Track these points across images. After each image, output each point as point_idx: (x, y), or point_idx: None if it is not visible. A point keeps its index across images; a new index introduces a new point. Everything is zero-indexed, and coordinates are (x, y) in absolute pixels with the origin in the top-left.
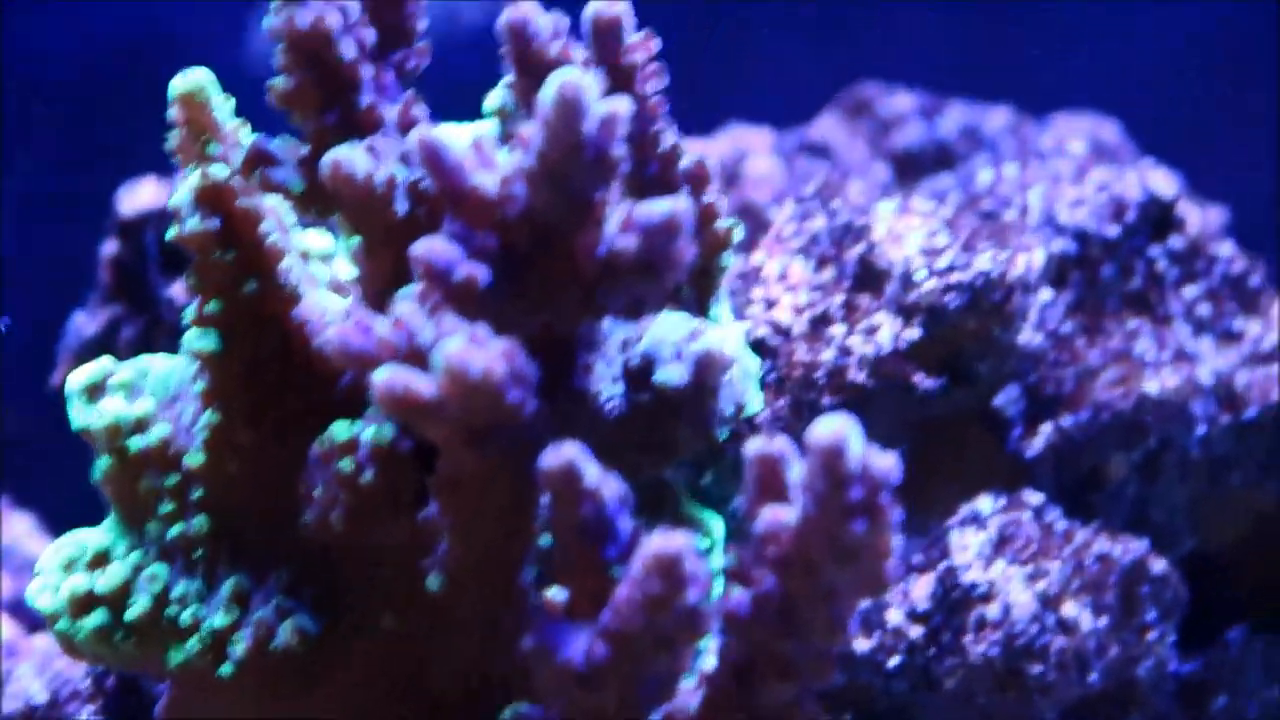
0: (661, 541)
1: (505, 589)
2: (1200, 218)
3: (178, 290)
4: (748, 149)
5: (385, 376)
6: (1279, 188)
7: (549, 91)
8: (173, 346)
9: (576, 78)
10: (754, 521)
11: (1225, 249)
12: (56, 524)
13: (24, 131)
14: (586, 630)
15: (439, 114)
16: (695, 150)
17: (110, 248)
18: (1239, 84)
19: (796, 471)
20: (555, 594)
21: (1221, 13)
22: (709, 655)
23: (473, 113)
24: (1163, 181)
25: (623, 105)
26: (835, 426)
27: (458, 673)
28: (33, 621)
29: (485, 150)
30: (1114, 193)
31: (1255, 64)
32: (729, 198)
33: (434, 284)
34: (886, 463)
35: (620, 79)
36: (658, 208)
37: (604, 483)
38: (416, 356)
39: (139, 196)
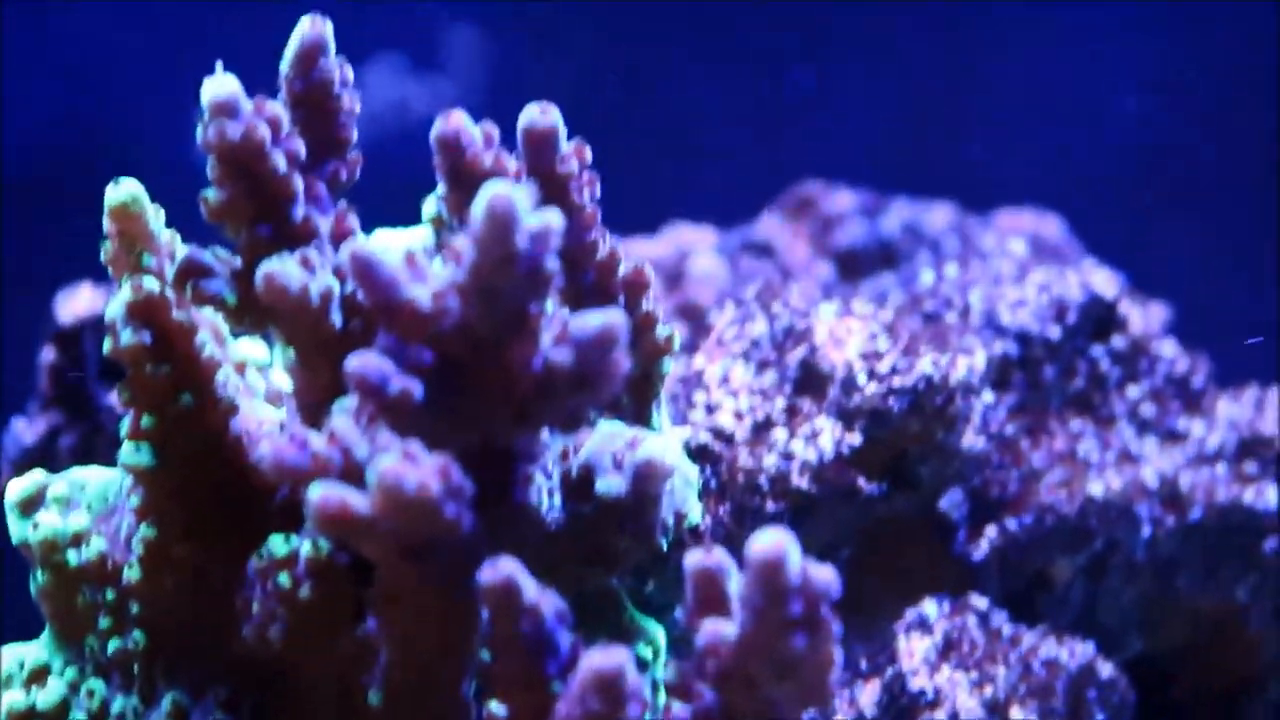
0: (601, 658)
1: (446, 704)
2: (1142, 317)
3: (116, 398)
4: (691, 248)
5: (320, 493)
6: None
7: (480, 205)
8: (113, 454)
9: (508, 191)
10: (694, 635)
11: (1168, 348)
12: None
13: None
14: None
15: (386, 205)
16: (637, 250)
17: (48, 355)
18: (1182, 176)
19: (736, 584)
20: (496, 709)
21: (1164, 106)
22: None
23: (417, 202)
24: (1104, 282)
25: (555, 218)
26: (774, 540)
27: None
28: None
29: (418, 264)
30: (1055, 293)
31: (1199, 156)
32: (672, 297)
33: (368, 398)
34: (826, 576)
35: (555, 188)
36: (592, 321)
37: (543, 598)
38: (352, 472)
39: (76, 303)
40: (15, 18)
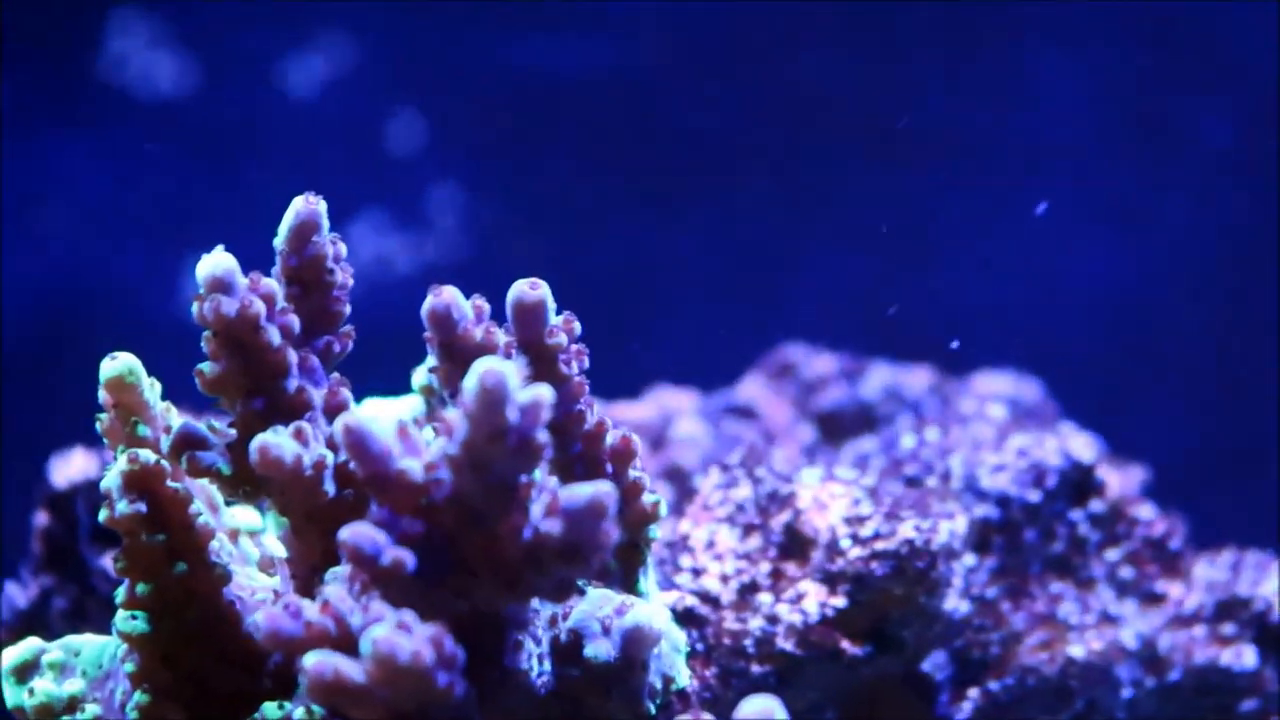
0: None
1: None
2: (1120, 480)
3: (109, 561)
4: (674, 411)
5: (314, 662)
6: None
7: (472, 380)
8: (105, 617)
9: (499, 366)
10: None
11: (1145, 511)
12: None
13: None
14: None
15: (372, 354)
16: (621, 413)
17: (41, 519)
18: (1157, 337)
19: None
20: None
21: (1141, 269)
22: None
23: (402, 354)
24: (1082, 446)
25: (545, 392)
26: (762, 705)
27: None
28: None
29: (410, 436)
30: (1034, 458)
31: (1172, 319)
32: (656, 460)
33: (361, 568)
34: None
35: (544, 361)
36: (581, 492)
37: None
38: (345, 640)
39: (70, 468)
40: (12, 188)
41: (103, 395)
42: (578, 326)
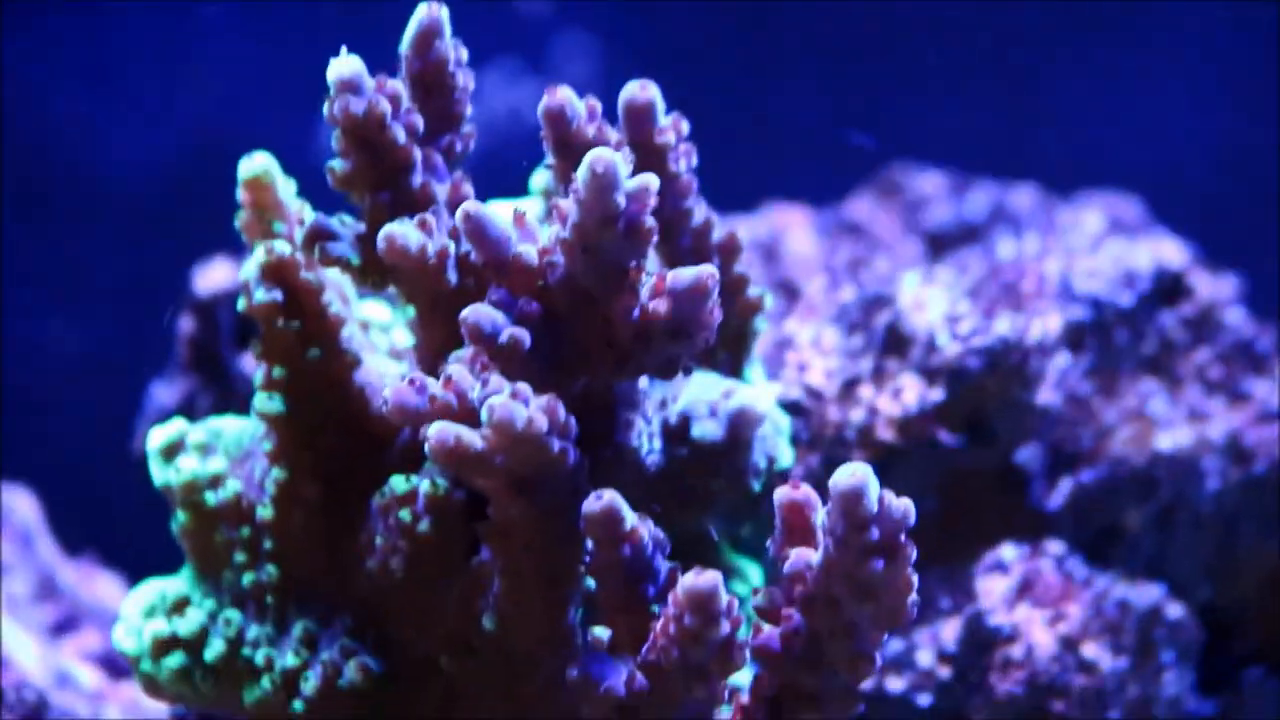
0: (695, 579)
1: (553, 629)
2: (1211, 285)
3: (250, 363)
4: (786, 226)
5: (437, 431)
6: None
7: (584, 169)
8: (246, 413)
9: (609, 155)
10: (782, 563)
11: (1234, 315)
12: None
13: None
14: (628, 663)
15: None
16: (734, 226)
17: (186, 325)
18: (1263, 170)
19: (822, 516)
20: (599, 632)
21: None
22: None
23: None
24: (1172, 252)
25: (652, 180)
26: (855, 472)
27: (514, 712)
28: (120, 671)
29: (526, 223)
30: (1126, 263)
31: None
32: (768, 272)
33: (481, 347)
34: (903, 505)
35: (653, 158)
36: (685, 274)
37: (642, 525)
38: (467, 413)
39: (212, 276)
40: (158, 47)
41: (240, 193)
42: (686, 126)
